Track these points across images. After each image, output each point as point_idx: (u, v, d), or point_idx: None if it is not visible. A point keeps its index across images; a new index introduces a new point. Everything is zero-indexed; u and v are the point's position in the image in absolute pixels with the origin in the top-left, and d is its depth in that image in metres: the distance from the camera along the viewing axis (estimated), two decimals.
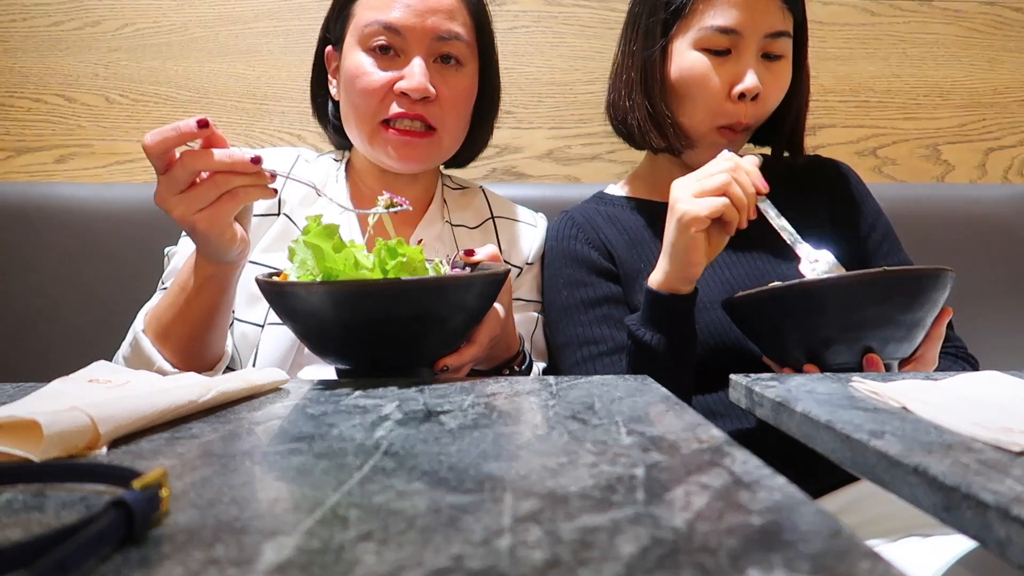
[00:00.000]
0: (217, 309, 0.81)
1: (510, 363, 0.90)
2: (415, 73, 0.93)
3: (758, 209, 0.85)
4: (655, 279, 0.89)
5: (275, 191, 0.75)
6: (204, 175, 0.71)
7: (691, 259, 0.84)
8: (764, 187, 0.83)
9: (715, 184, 0.82)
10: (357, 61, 0.96)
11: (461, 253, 0.80)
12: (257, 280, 0.71)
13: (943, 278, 0.76)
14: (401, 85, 0.94)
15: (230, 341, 0.92)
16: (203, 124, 0.70)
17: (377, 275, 0.67)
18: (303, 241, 0.69)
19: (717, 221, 0.82)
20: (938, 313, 0.80)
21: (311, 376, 0.94)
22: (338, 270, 0.68)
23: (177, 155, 0.71)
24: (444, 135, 0.99)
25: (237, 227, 0.76)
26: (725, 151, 0.87)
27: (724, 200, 0.81)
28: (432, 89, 0.94)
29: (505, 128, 1.50)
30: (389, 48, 0.95)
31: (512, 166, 1.52)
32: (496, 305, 0.80)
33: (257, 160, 0.71)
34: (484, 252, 0.80)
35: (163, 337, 0.81)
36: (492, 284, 0.73)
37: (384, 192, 0.79)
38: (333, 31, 1.02)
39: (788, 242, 0.87)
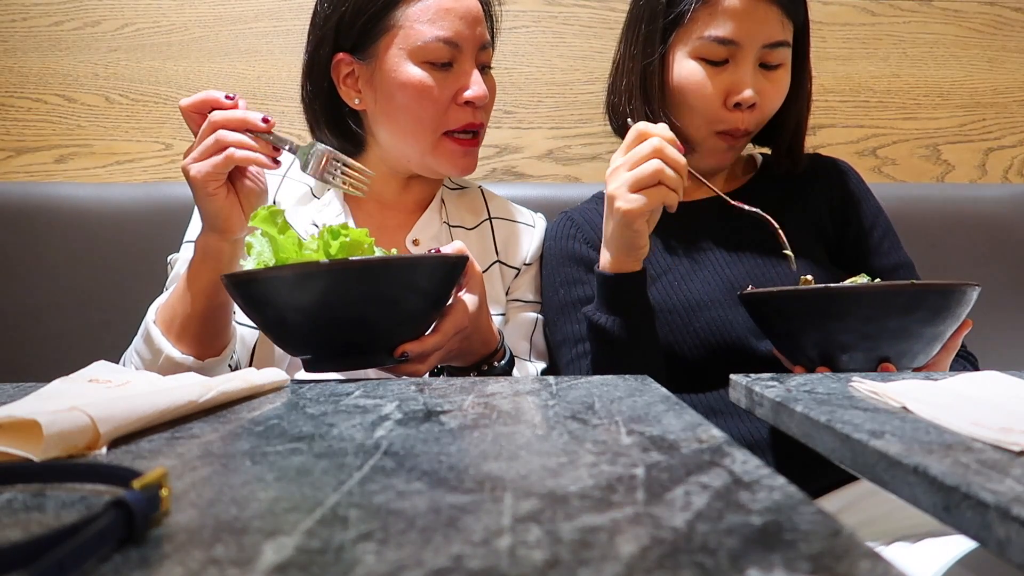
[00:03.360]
0: (218, 285, 0.82)
1: (488, 359, 0.90)
2: (477, 82, 0.97)
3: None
4: (603, 264, 0.90)
5: (276, 162, 0.80)
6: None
7: (638, 244, 0.86)
8: (682, 149, 0.84)
9: (648, 173, 0.82)
10: (416, 74, 0.95)
11: (430, 251, 0.82)
12: (220, 277, 0.73)
13: (969, 293, 0.76)
14: (467, 95, 0.96)
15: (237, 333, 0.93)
16: (230, 98, 0.81)
17: (321, 257, 0.68)
18: (258, 232, 0.71)
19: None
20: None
21: (308, 377, 0.94)
22: (290, 257, 0.69)
23: None
24: (482, 136, 1.02)
25: (232, 198, 0.80)
26: (640, 124, 0.86)
27: (661, 188, 0.82)
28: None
29: (505, 128, 1.50)
30: (449, 64, 0.96)
31: (512, 166, 1.52)
32: (466, 297, 0.81)
33: (268, 121, 0.80)
34: (450, 248, 0.82)
35: (170, 323, 0.84)
36: (442, 268, 0.74)
37: None
38: (348, 38, 0.98)
39: (761, 215, 0.88)
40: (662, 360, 0.94)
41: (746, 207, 0.89)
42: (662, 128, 0.85)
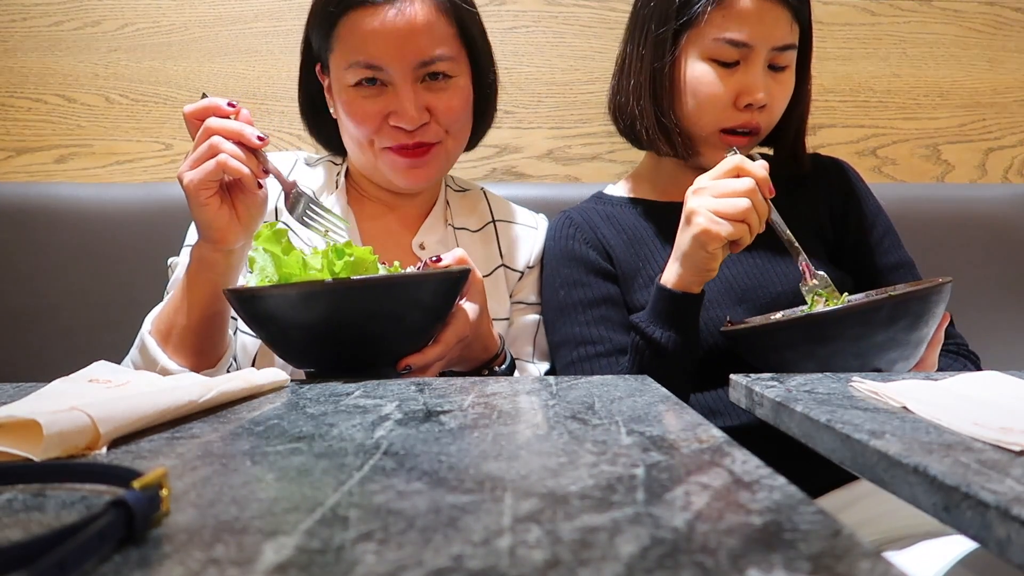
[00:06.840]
0: (214, 296, 0.81)
1: (489, 364, 0.90)
2: (407, 108, 0.91)
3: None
4: (668, 279, 0.89)
5: (260, 184, 0.79)
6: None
7: (708, 267, 0.86)
8: (772, 192, 0.84)
9: (737, 209, 0.82)
10: (347, 96, 0.94)
11: (430, 259, 0.80)
12: (224, 291, 0.73)
13: (945, 291, 0.77)
14: (394, 121, 0.93)
15: (235, 344, 0.92)
16: (232, 105, 0.79)
17: (326, 276, 0.69)
18: (261, 248, 0.72)
19: None
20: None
21: None
22: (294, 274, 0.69)
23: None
24: (449, 142, 0.98)
25: (226, 209, 0.79)
26: (739, 157, 0.86)
27: (743, 226, 0.82)
28: (426, 115, 0.93)
29: (505, 128, 1.50)
30: (375, 81, 0.92)
31: (512, 166, 1.52)
32: (467, 305, 0.81)
33: (262, 140, 0.78)
34: (450, 257, 0.81)
35: (166, 334, 0.83)
36: (446, 283, 0.74)
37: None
38: (316, 46, 0.98)
39: (792, 255, 0.88)
40: (693, 379, 0.95)
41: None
42: (759, 167, 0.84)
